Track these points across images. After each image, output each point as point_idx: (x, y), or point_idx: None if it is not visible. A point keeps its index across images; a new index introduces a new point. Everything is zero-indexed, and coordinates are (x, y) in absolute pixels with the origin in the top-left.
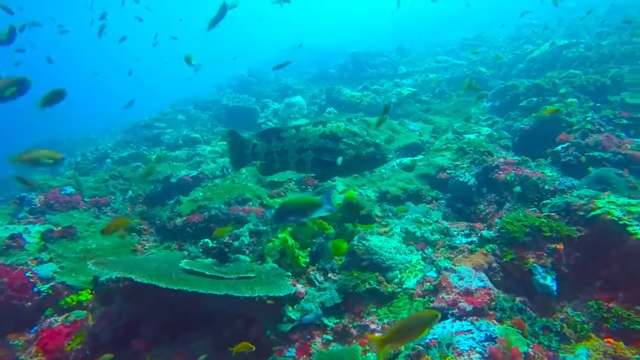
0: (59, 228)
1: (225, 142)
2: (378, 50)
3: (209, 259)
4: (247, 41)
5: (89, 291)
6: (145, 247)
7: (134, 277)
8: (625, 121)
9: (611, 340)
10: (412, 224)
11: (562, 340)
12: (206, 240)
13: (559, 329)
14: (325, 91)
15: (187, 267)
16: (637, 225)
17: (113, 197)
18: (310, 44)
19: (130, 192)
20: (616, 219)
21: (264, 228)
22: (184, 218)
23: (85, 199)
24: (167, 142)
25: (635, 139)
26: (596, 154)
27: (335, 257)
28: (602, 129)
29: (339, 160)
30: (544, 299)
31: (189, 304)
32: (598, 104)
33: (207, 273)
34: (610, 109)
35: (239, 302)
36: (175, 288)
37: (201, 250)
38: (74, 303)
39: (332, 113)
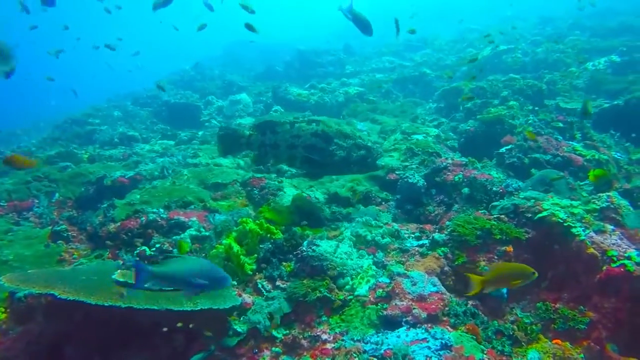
0: None
1: (218, 135)
2: (325, 48)
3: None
4: (192, 36)
5: (2, 310)
6: (74, 256)
7: (56, 294)
8: (561, 124)
9: (559, 341)
10: (362, 227)
11: (514, 343)
12: (143, 247)
13: (511, 333)
14: (271, 89)
15: (121, 280)
16: (581, 227)
17: (37, 201)
18: (256, 40)
19: (57, 194)
20: (561, 221)
21: (207, 233)
22: (119, 223)
23: (1, 203)
24: (101, 140)
25: (570, 142)
26: (538, 156)
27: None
28: (542, 132)
29: None
30: (495, 302)
31: (123, 320)
32: (536, 108)
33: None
34: (547, 113)
35: (179, 316)
36: (106, 304)
37: (137, 258)
38: None
39: (278, 111)
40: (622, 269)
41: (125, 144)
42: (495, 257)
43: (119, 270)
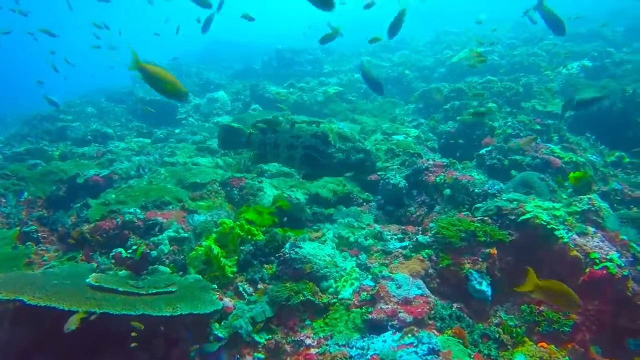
0: None
1: (219, 131)
2: (303, 47)
3: (123, 272)
4: (171, 33)
5: None
6: (44, 258)
7: (25, 300)
8: (538, 127)
9: (544, 344)
10: (345, 229)
11: (500, 347)
12: (119, 250)
13: (497, 336)
14: (249, 87)
15: (96, 284)
16: (564, 230)
17: (4, 200)
18: (234, 39)
19: (26, 193)
20: (544, 223)
21: (186, 235)
22: (93, 224)
23: None
24: (73, 137)
25: (548, 144)
26: (517, 157)
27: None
28: (521, 134)
29: None
30: (480, 304)
31: (98, 325)
32: (514, 110)
33: (120, 289)
34: (524, 115)
35: (158, 320)
36: (80, 310)
37: (113, 261)
38: None
39: (257, 110)
40: (604, 271)
41: (99, 142)
42: (480, 259)
43: (93, 274)
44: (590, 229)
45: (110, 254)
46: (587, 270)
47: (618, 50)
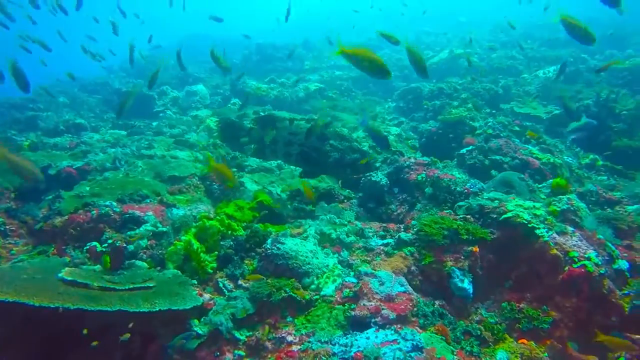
0: None
1: (219, 124)
2: (284, 43)
3: (97, 266)
4: (150, 25)
5: None
6: (13, 252)
7: None
8: (517, 128)
9: (525, 341)
10: (327, 225)
11: (482, 343)
12: (94, 243)
13: (478, 333)
14: (229, 81)
15: (69, 278)
16: (544, 228)
17: None
18: (213, 32)
19: None
20: (525, 222)
21: (165, 229)
22: (66, 217)
23: None
24: (44, 127)
25: (526, 145)
26: (497, 157)
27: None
28: (502, 134)
29: None
30: (461, 302)
31: (71, 321)
32: (494, 111)
33: (95, 284)
34: (503, 116)
35: (134, 316)
36: (52, 306)
37: (87, 255)
38: None
39: (237, 104)
40: (582, 270)
41: (72, 132)
42: (462, 257)
43: (66, 268)
44: (569, 228)
45: (85, 248)
46: (566, 268)
47: (591, 57)
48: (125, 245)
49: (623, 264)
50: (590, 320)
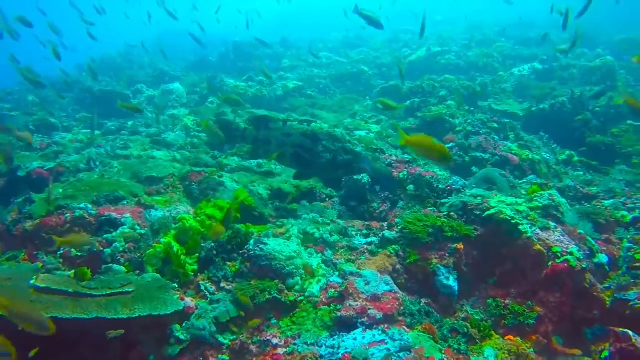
0: None
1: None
2: (262, 41)
3: (72, 272)
4: (122, 22)
5: None
6: None
7: None
8: (496, 125)
9: (511, 337)
10: (310, 225)
11: (469, 341)
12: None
13: (465, 331)
14: (206, 80)
15: (42, 285)
16: (527, 224)
17: None
18: (189, 29)
19: None
20: (509, 218)
21: (143, 231)
22: (38, 221)
23: None
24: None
25: (505, 142)
26: (478, 154)
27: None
28: (481, 132)
29: None
30: (447, 299)
31: None
32: (472, 108)
33: (70, 290)
34: (482, 114)
35: (113, 323)
36: None
37: (61, 260)
38: None
39: (214, 103)
40: (565, 264)
41: (42, 133)
42: (447, 254)
43: (40, 275)
44: (552, 224)
45: (58, 253)
46: (550, 263)
47: (564, 55)
48: (101, 249)
49: (603, 258)
50: (573, 315)
